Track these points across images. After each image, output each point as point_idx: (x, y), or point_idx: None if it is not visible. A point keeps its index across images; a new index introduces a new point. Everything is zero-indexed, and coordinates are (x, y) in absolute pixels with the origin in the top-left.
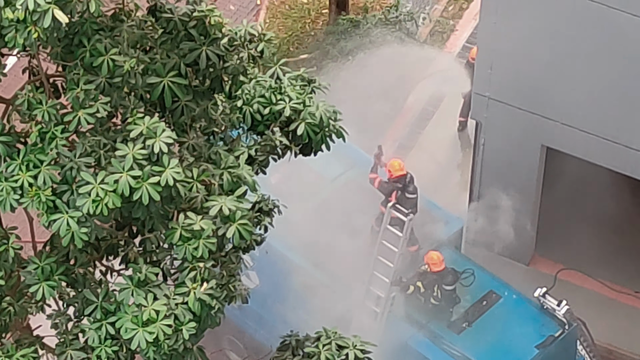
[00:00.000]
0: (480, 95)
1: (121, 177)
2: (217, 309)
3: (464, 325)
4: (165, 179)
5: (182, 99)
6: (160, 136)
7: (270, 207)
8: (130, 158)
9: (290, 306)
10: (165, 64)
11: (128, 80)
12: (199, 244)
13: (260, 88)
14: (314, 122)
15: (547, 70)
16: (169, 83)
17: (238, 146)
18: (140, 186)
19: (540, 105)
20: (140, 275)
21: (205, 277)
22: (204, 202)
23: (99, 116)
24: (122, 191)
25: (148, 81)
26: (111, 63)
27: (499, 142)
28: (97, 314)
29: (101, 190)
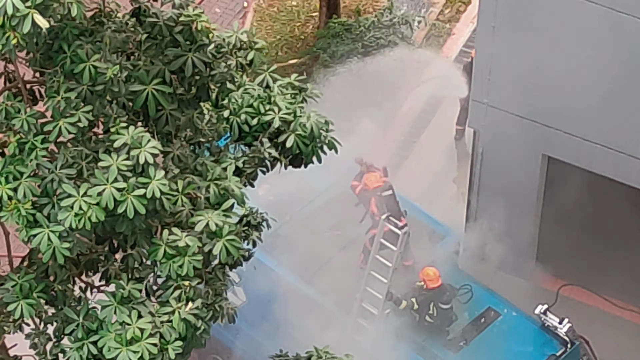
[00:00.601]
0: (478, 103)
1: (105, 189)
2: (203, 330)
3: (461, 344)
4: (152, 191)
5: (166, 107)
6: (146, 146)
7: (258, 220)
8: (115, 169)
9: (279, 324)
10: (149, 71)
11: (111, 88)
12: (184, 261)
13: (248, 97)
14: (304, 134)
15: (548, 76)
16: (152, 91)
17: (225, 157)
18: (125, 199)
19: (541, 113)
20: (123, 292)
21: (190, 296)
22: (190, 217)
23: (81, 125)
24: (106, 204)
25: (131, 89)
26: (93, 70)
27: (498, 151)
28: (78, 333)
29: (84, 203)
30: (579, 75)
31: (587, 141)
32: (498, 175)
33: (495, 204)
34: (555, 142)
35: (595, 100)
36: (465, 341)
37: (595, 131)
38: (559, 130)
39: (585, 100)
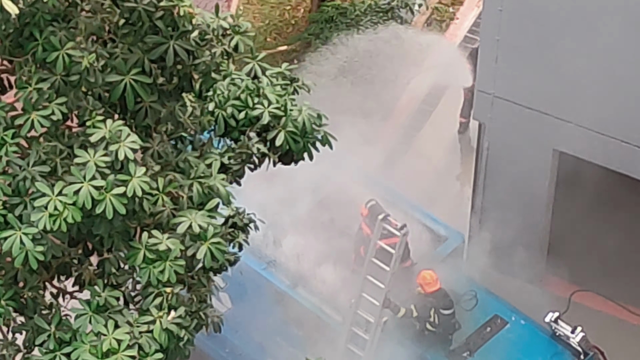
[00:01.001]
0: (483, 93)
1: (82, 187)
2: (186, 340)
3: (465, 355)
4: (133, 189)
5: (145, 99)
6: (125, 141)
7: (245, 222)
8: (92, 166)
9: (267, 333)
10: (127, 60)
11: (86, 78)
12: (165, 266)
13: (235, 88)
14: (295, 130)
15: (560, 64)
16: (131, 81)
17: (209, 153)
18: (104, 198)
19: (552, 104)
20: (99, 300)
21: (172, 303)
22: (171, 218)
23: (54, 119)
24: (82, 204)
25: (107, 79)
26: (67, 58)
27: (505, 146)
28: (50, 344)
29: (59, 203)
30: (592, 63)
31: (602, 135)
32: (505, 172)
33: (502, 203)
34: (567, 136)
35: (611, 90)
36: (469, 352)
37: (611, 124)
38: (571, 123)
39: (599, 90)
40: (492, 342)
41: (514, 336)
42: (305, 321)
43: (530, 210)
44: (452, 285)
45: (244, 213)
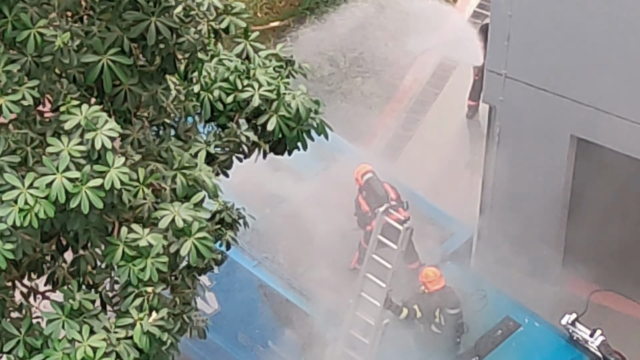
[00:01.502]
0: (494, 74)
1: (55, 179)
2: (170, 345)
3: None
4: (110, 181)
5: (124, 82)
6: (102, 128)
7: (234, 217)
8: (66, 156)
9: (258, 336)
10: (104, 39)
11: (60, 59)
12: (146, 264)
13: (223, 69)
14: (289, 116)
15: (578, 42)
16: (108, 62)
17: (194, 141)
18: (79, 191)
19: (569, 86)
20: (73, 303)
21: (154, 305)
22: (153, 212)
23: (25, 104)
24: (56, 197)
25: (83, 60)
26: (39, 38)
27: (518, 131)
28: (20, 351)
29: (30, 197)
30: (615, 40)
31: (624, 120)
32: (518, 160)
33: (515, 195)
34: (586, 121)
35: (634, 70)
36: (478, 357)
37: (634, 108)
38: (591, 107)
39: (622, 69)
40: (503, 347)
41: (528, 340)
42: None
43: (546, 202)
44: (459, 284)
45: (232, 208)
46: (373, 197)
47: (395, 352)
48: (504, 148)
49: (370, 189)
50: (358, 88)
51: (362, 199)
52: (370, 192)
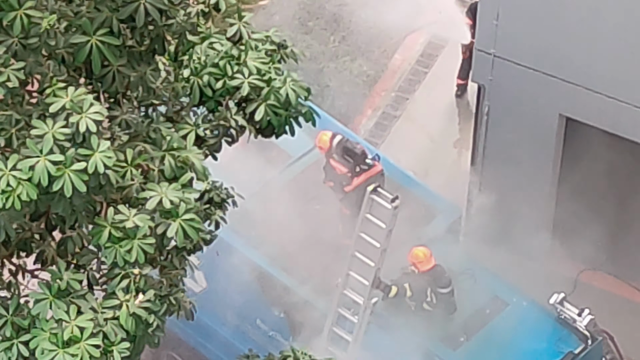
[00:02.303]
0: (483, 53)
1: (38, 162)
2: (156, 326)
3: (462, 339)
4: (94, 164)
5: (113, 63)
6: (88, 112)
7: (222, 197)
8: (50, 138)
9: (246, 315)
10: (93, 19)
11: (47, 41)
12: (132, 245)
13: (213, 53)
14: (277, 104)
15: (567, 21)
16: (97, 43)
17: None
18: (62, 174)
19: (558, 65)
20: (60, 283)
21: (140, 286)
22: (140, 192)
23: (10, 86)
24: (39, 180)
25: (71, 40)
26: (26, 20)
27: (507, 110)
28: (7, 331)
29: (13, 179)
30: (604, 19)
31: (613, 99)
32: (507, 139)
33: (504, 173)
34: (574, 100)
35: (625, 50)
36: (466, 336)
37: (624, 88)
38: (580, 86)
39: (611, 50)
40: (491, 325)
41: (516, 319)
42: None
43: (534, 181)
44: (447, 263)
45: (221, 187)
46: (351, 157)
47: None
48: (493, 127)
49: (345, 150)
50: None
51: (335, 163)
52: (345, 153)
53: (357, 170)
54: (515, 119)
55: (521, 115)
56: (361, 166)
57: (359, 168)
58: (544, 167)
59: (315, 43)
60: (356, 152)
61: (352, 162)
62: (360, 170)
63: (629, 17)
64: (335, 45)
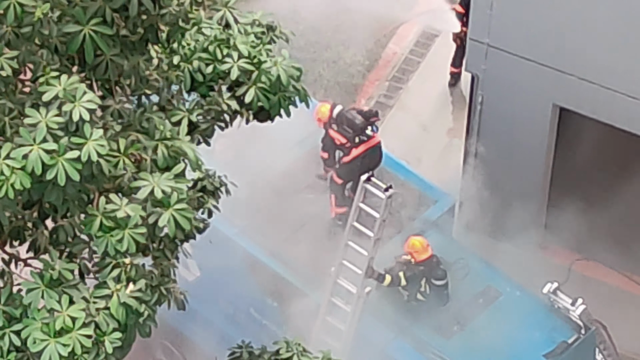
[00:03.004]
0: (477, 42)
1: (31, 150)
2: (147, 316)
3: (455, 329)
4: (87, 153)
5: (106, 52)
6: (81, 100)
7: (216, 185)
8: (43, 127)
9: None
10: (86, 9)
11: (40, 30)
12: (123, 235)
13: (202, 39)
14: (267, 87)
15: (561, 11)
16: (90, 32)
17: (176, 109)
18: (56, 162)
19: (552, 55)
20: (52, 273)
21: (131, 276)
22: (132, 182)
23: (4, 75)
24: (32, 168)
25: (65, 30)
26: (19, 8)
27: (501, 100)
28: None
29: (6, 168)
30: (597, 9)
31: (606, 89)
32: (500, 128)
33: (497, 163)
34: (568, 90)
35: (617, 40)
36: (459, 325)
37: (616, 77)
38: (573, 76)
39: (604, 39)
40: (484, 315)
41: (509, 308)
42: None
43: (528, 171)
44: (441, 252)
45: (214, 176)
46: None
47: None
48: (486, 116)
49: (345, 120)
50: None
51: (334, 133)
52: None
53: (356, 141)
54: (509, 108)
55: (515, 105)
56: (361, 137)
57: (359, 139)
58: (537, 156)
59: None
60: (356, 122)
61: (352, 132)
62: (359, 140)
63: (623, 7)
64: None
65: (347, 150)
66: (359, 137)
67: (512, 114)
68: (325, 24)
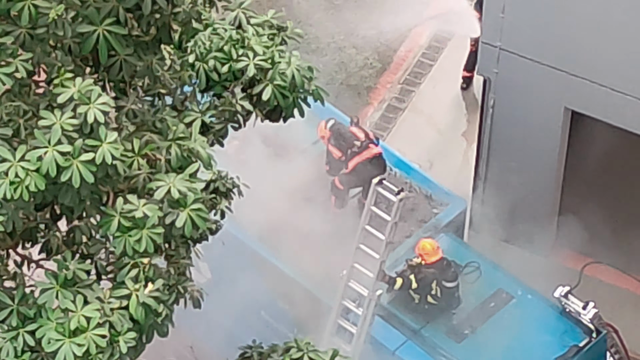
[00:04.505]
0: (489, 46)
1: (46, 152)
2: (165, 316)
3: (467, 332)
4: (102, 155)
5: (120, 52)
6: (95, 102)
7: (228, 186)
8: (58, 129)
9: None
10: (99, 9)
11: (55, 32)
12: (142, 235)
13: (217, 39)
14: (284, 84)
15: (574, 14)
16: (104, 32)
17: (189, 110)
18: (70, 164)
19: (564, 59)
20: (67, 273)
21: (149, 276)
22: (147, 182)
23: (18, 76)
24: (47, 170)
25: (78, 30)
26: (33, 10)
27: (513, 103)
28: (13, 321)
29: (21, 170)
30: (609, 12)
31: (618, 92)
32: (512, 132)
33: (509, 167)
34: (580, 94)
35: (629, 44)
36: (471, 328)
37: (628, 81)
38: (585, 80)
39: (616, 43)
40: (496, 319)
41: (520, 312)
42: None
43: (539, 174)
44: (452, 256)
45: (226, 177)
46: (342, 141)
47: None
48: (498, 120)
49: (337, 134)
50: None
51: (332, 147)
52: (338, 137)
53: (348, 154)
54: (521, 112)
55: (527, 108)
56: (352, 149)
57: (350, 151)
58: (549, 160)
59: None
60: (345, 135)
61: (345, 145)
62: (351, 153)
63: (635, 10)
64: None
65: (345, 164)
66: (350, 150)
67: (524, 117)
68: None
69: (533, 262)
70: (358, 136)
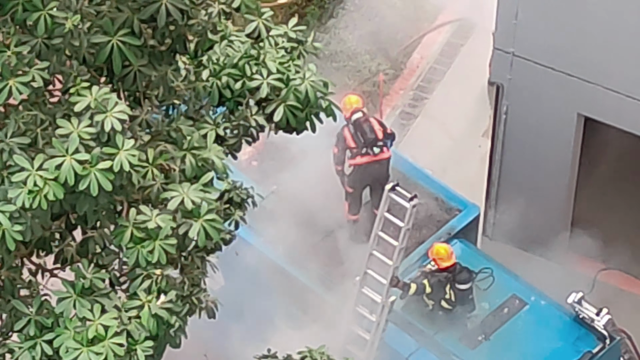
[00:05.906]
0: (502, 52)
1: (64, 161)
2: (178, 327)
3: (480, 338)
4: (119, 163)
5: (134, 63)
6: (112, 111)
7: (242, 196)
8: (76, 138)
9: (264, 314)
10: (114, 20)
11: (70, 42)
12: (154, 246)
13: (232, 53)
14: (296, 104)
15: (587, 21)
16: (118, 43)
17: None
18: (88, 173)
19: (577, 65)
20: (84, 282)
21: (162, 287)
22: (161, 192)
23: (35, 86)
24: (65, 179)
25: (93, 40)
26: (49, 20)
27: (526, 110)
28: (30, 330)
29: (39, 178)
30: (623, 18)
31: (631, 98)
32: (525, 138)
33: (522, 173)
34: (593, 100)
35: None
36: (484, 335)
37: None
38: (598, 86)
39: (630, 49)
40: (509, 325)
41: (534, 318)
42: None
43: (553, 180)
44: (466, 262)
45: (240, 187)
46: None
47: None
48: (511, 126)
49: (358, 127)
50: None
51: (347, 133)
52: (358, 129)
53: (362, 152)
54: (534, 118)
55: (540, 115)
56: (368, 149)
57: (365, 150)
58: (562, 166)
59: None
60: (369, 136)
61: (363, 142)
62: (365, 152)
63: None
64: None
65: (353, 155)
66: (366, 149)
67: (537, 123)
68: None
69: (546, 269)
70: (376, 131)
